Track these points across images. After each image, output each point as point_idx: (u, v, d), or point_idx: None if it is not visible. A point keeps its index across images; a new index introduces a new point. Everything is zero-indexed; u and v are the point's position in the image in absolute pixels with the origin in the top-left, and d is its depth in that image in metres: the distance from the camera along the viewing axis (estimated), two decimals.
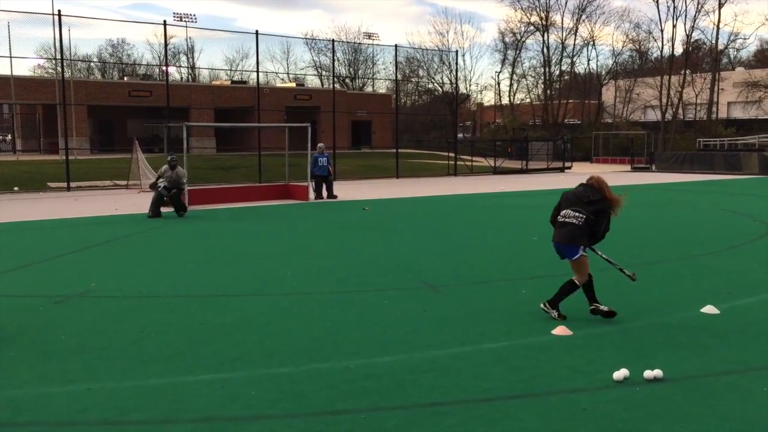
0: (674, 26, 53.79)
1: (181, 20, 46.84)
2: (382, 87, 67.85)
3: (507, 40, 61.76)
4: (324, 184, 20.17)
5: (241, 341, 5.93)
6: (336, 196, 20.21)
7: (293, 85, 56.79)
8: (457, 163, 34.15)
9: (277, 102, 44.53)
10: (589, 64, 76.70)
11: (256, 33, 27.59)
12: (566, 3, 66.95)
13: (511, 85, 63.14)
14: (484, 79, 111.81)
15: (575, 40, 59.40)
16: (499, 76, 66.21)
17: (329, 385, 4.90)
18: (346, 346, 5.80)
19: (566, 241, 6.49)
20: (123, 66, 63.54)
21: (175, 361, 5.40)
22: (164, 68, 37.20)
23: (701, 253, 10.54)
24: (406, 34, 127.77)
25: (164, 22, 26.69)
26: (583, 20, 58.82)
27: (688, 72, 52.76)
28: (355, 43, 63.26)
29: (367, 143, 52.98)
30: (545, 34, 58.83)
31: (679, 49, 55.13)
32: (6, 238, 12.29)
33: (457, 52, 43.83)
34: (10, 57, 32.23)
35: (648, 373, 4.98)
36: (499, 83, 66.16)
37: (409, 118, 61.88)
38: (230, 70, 68.54)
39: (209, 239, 12.18)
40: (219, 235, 12.74)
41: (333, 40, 38.44)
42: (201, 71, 68.93)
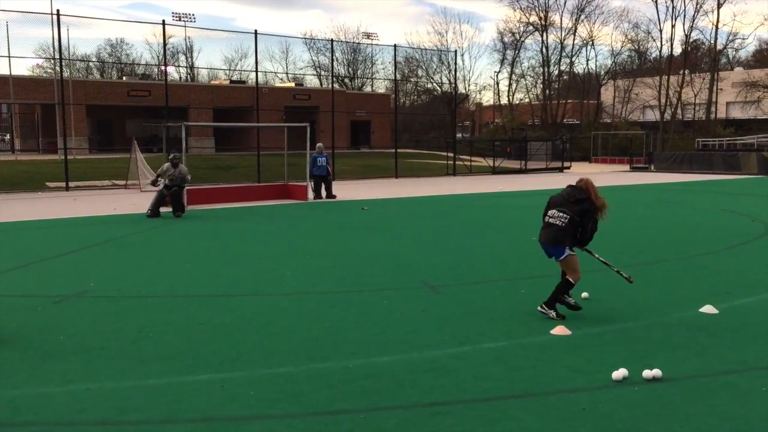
0: (673, 26, 53.90)
1: (180, 20, 46.89)
2: (381, 87, 67.92)
3: (506, 40, 61.87)
4: (323, 183, 20.17)
5: (241, 341, 5.93)
6: (335, 196, 20.21)
7: (292, 84, 56.80)
8: (456, 163, 34.16)
9: (276, 102, 44.54)
10: (588, 64, 76.95)
11: (255, 33, 27.59)
12: (565, 3, 67.18)
13: (510, 85, 63.28)
14: (483, 79, 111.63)
15: (574, 40, 59.51)
16: (497, 76, 66.34)
17: (328, 384, 4.89)
18: (346, 346, 5.80)
19: (551, 242, 6.58)
20: (122, 66, 63.55)
21: (174, 361, 5.40)
22: (163, 68, 37.20)
23: (700, 253, 10.55)
24: (405, 34, 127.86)
25: (163, 21, 26.75)
26: (582, 20, 58.92)
27: (687, 72, 52.79)
28: (354, 42, 63.34)
29: (366, 143, 52.99)
30: (544, 34, 58.90)
31: (678, 49, 55.23)
32: (4, 238, 12.28)
33: (456, 52, 43.94)
34: (9, 57, 32.27)
35: (647, 373, 4.98)
36: (497, 83, 66.25)
37: (408, 118, 61.89)
38: (229, 70, 68.58)
39: (208, 239, 12.17)
40: (218, 234, 12.73)
41: (332, 40, 38.45)
42: (200, 71, 69.01)
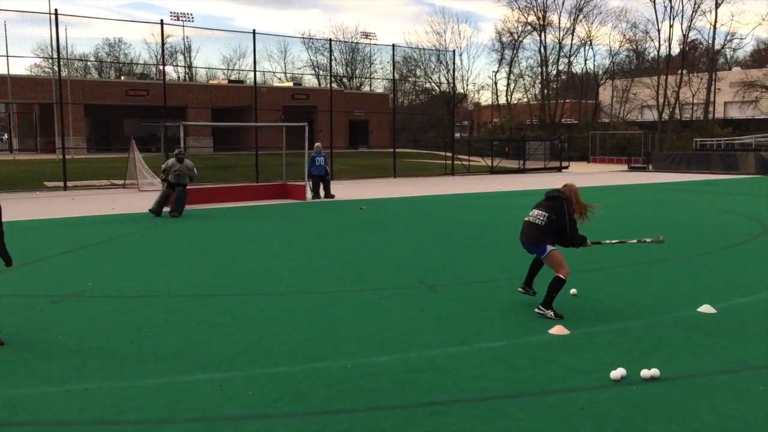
0: (671, 26, 53.92)
1: (179, 19, 46.79)
2: (380, 86, 67.93)
3: (504, 39, 61.86)
4: (321, 183, 20.16)
5: (239, 341, 5.93)
6: (333, 196, 20.20)
7: (290, 84, 56.79)
8: (455, 162, 34.15)
9: (274, 101, 44.52)
10: (586, 64, 76.73)
11: (254, 32, 27.59)
12: (563, 3, 67.20)
13: (508, 84, 63.25)
14: (482, 79, 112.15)
15: (572, 39, 59.52)
16: (496, 75, 65.97)
17: (327, 384, 4.90)
18: (344, 346, 5.80)
19: (531, 241, 6.75)
20: (120, 65, 63.48)
21: (173, 361, 5.40)
22: (161, 67, 37.16)
23: (698, 252, 10.56)
24: (404, 33, 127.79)
25: (161, 21, 26.72)
26: (581, 20, 58.96)
27: (685, 72, 52.82)
28: (352, 42, 63.27)
29: (364, 143, 53.00)
30: (542, 34, 58.91)
31: (676, 49, 55.29)
32: None
33: (454, 51, 43.87)
34: (7, 56, 32.30)
35: (645, 372, 4.99)
36: (496, 83, 65.96)
37: (407, 118, 61.87)
38: (227, 70, 68.50)
39: (206, 239, 12.17)
40: (216, 234, 12.73)
41: (330, 40, 38.45)
42: (198, 70, 68.91)
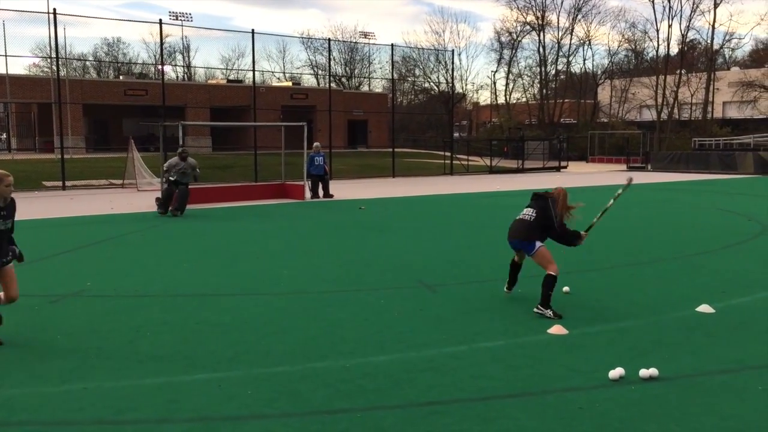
0: (670, 26, 54.04)
1: (177, 19, 46.78)
2: (379, 86, 67.90)
3: (503, 39, 61.84)
4: (320, 183, 20.17)
5: (238, 340, 5.93)
6: (332, 196, 20.20)
7: (289, 84, 56.78)
8: (453, 162, 34.16)
9: (273, 101, 44.52)
10: (584, 64, 76.96)
11: (252, 32, 27.58)
12: (562, 2, 67.29)
13: (507, 84, 63.21)
14: (480, 79, 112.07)
15: (571, 39, 59.49)
16: (495, 75, 65.87)
17: (326, 384, 4.90)
18: (343, 346, 5.80)
19: (522, 237, 6.87)
20: (118, 65, 63.42)
21: (171, 361, 5.40)
22: (160, 67, 37.15)
23: (696, 252, 10.57)
24: (403, 33, 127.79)
25: (160, 20, 26.67)
26: (579, 20, 58.96)
27: (684, 72, 52.86)
28: (351, 42, 63.29)
29: (363, 142, 52.99)
30: (541, 34, 58.92)
31: (675, 49, 55.34)
32: None
33: (453, 51, 43.87)
34: (6, 55, 32.23)
35: (644, 372, 4.99)
36: (495, 82, 65.93)
37: (406, 118, 61.87)
38: (226, 69, 68.49)
39: (205, 238, 12.16)
40: (215, 234, 12.73)
41: (329, 39, 38.45)
42: (197, 70, 68.88)
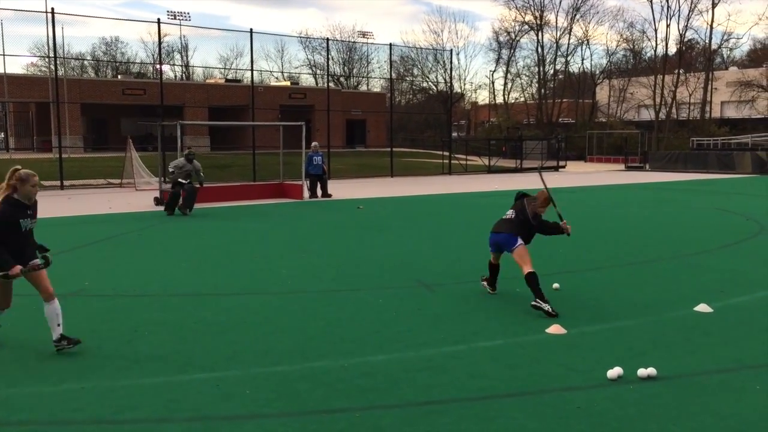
0: (668, 26, 54.16)
1: (175, 18, 46.73)
2: (377, 86, 67.91)
3: (501, 39, 61.78)
4: (319, 182, 20.17)
5: (236, 340, 5.93)
6: (330, 195, 20.20)
7: (288, 83, 56.76)
8: (452, 162, 34.16)
9: (271, 100, 44.48)
10: (583, 64, 76.91)
11: (251, 31, 27.57)
12: (560, 2, 67.37)
13: (506, 84, 63.16)
14: (479, 78, 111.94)
15: (569, 39, 59.45)
16: (493, 75, 65.87)
17: (324, 383, 4.90)
18: (341, 345, 5.80)
19: (507, 231, 7.09)
20: (117, 64, 63.38)
21: (169, 360, 5.39)
22: (158, 66, 37.12)
23: (695, 251, 10.58)
24: (401, 32, 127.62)
25: (158, 20, 26.61)
26: (578, 19, 58.87)
27: (682, 71, 52.89)
28: (349, 41, 63.29)
29: (361, 142, 52.98)
30: (539, 33, 58.87)
31: (673, 49, 55.34)
32: None
33: (451, 51, 43.91)
34: (3, 55, 32.21)
35: (642, 372, 4.99)
36: (493, 82, 65.95)
37: (404, 117, 61.89)
38: (224, 69, 68.37)
39: (203, 238, 12.16)
40: (213, 233, 12.72)
41: (327, 39, 38.45)
42: (195, 69, 68.78)
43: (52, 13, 23.16)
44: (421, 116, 61.72)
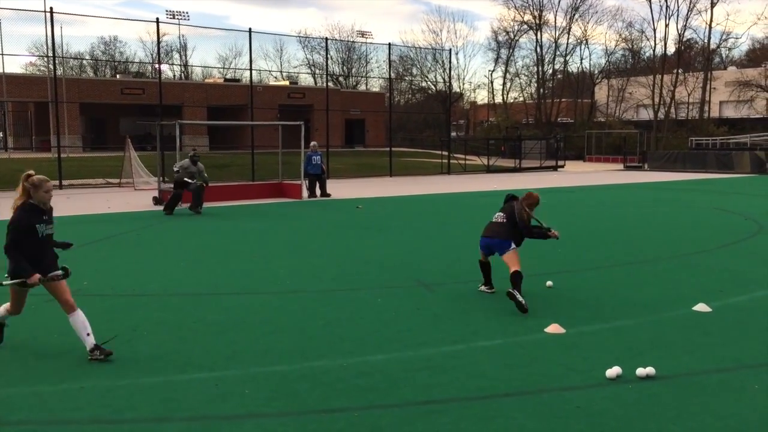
0: (667, 25, 54.22)
1: (174, 18, 46.63)
2: (376, 85, 67.92)
3: (500, 38, 61.79)
4: (318, 182, 20.16)
5: (235, 340, 5.93)
6: (329, 195, 20.19)
7: (286, 83, 56.75)
8: (451, 161, 34.17)
9: (270, 100, 44.46)
10: (582, 63, 77.01)
11: (249, 31, 27.55)
12: (559, 2, 66.90)
13: (505, 83, 63.18)
14: (478, 78, 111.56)
15: (568, 39, 59.46)
16: (492, 74, 65.91)
17: (323, 383, 4.90)
18: (340, 345, 5.80)
19: (498, 236, 7.21)
20: (115, 64, 63.33)
21: (169, 360, 5.39)
22: (157, 66, 37.10)
23: (693, 251, 10.59)
24: (400, 32, 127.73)
25: (157, 19, 26.56)
26: (576, 19, 58.87)
27: (681, 71, 52.91)
28: (348, 41, 63.26)
29: (360, 142, 52.97)
30: (538, 33, 58.86)
31: (672, 49, 55.36)
32: None
33: (450, 50, 43.93)
34: (2, 54, 32.12)
35: (641, 371, 5.00)
36: (492, 82, 66.16)
37: (403, 117, 61.88)
38: (223, 68, 68.34)
39: (202, 237, 12.15)
40: (212, 233, 12.71)
41: (326, 39, 38.40)
42: (194, 69, 68.84)
43: (51, 12, 23.14)
44: (420, 116, 61.73)
